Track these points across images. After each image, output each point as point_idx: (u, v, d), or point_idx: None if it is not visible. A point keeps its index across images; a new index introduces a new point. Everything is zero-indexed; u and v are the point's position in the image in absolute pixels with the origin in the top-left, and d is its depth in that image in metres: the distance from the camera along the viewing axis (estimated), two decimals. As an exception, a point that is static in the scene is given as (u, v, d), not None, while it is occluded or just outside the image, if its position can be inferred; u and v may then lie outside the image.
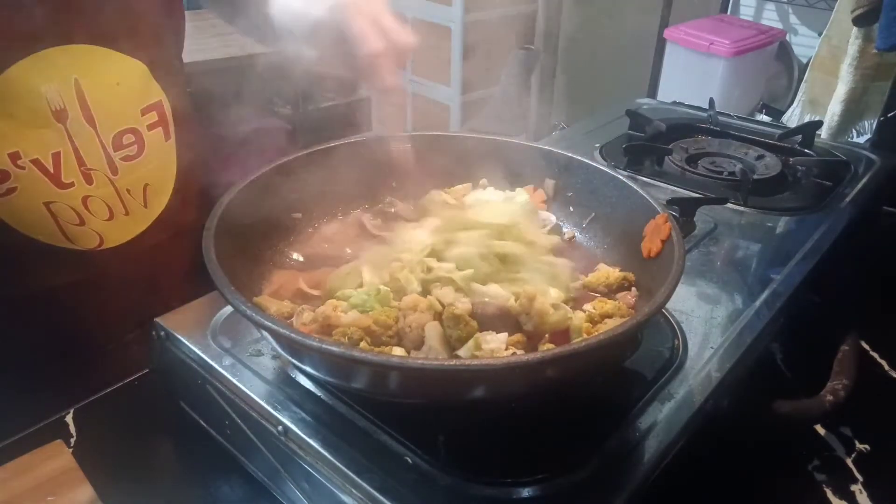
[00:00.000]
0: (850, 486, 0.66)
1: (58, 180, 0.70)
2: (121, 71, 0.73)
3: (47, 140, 0.68)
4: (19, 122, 0.66)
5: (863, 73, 1.44)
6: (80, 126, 0.70)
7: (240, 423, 0.61)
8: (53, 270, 0.74)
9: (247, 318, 0.48)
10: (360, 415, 0.57)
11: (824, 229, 0.90)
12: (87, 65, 0.69)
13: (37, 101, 0.66)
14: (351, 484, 0.52)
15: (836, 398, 0.68)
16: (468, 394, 0.50)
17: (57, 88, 0.67)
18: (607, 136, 1.19)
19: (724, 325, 0.70)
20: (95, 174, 0.73)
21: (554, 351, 0.47)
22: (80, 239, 0.74)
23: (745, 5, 2.31)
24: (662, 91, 1.90)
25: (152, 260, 0.81)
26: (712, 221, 0.90)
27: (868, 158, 1.14)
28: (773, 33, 1.81)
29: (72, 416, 0.69)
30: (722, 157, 1.12)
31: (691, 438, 0.57)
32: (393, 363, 0.46)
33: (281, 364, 0.62)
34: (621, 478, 0.52)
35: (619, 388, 0.61)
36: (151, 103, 0.77)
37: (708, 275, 0.79)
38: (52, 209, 0.71)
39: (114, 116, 0.73)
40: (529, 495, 0.50)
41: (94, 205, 0.73)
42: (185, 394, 0.69)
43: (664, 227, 0.61)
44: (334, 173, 0.74)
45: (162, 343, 0.68)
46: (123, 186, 0.75)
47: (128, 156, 0.75)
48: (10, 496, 0.59)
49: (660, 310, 0.51)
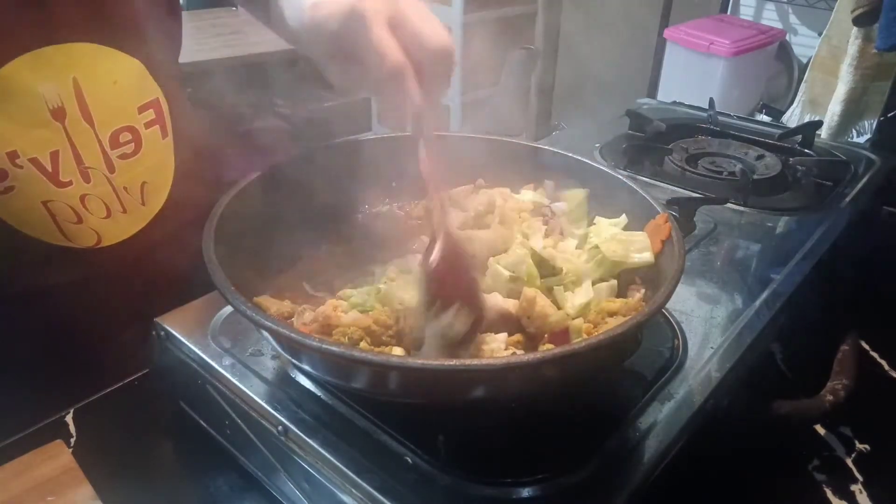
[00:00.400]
0: (850, 486, 0.66)
1: (56, 179, 0.70)
2: (118, 69, 0.73)
3: (45, 139, 0.68)
4: (17, 122, 0.66)
5: (863, 73, 1.44)
6: (78, 124, 0.70)
7: (240, 423, 0.61)
8: (51, 269, 0.74)
9: (247, 318, 0.48)
10: (360, 415, 0.57)
11: (824, 229, 0.90)
12: (85, 63, 0.69)
13: (34, 99, 0.66)
14: (351, 484, 0.52)
15: (836, 398, 0.68)
16: (468, 394, 0.50)
17: (54, 87, 0.67)
18: (607, 136, 1.19)
19: (724, 325, 0.70)
20: (93, 172, 0.73)
21: (554, 351, 0.47)
22: (77, 237, 0.74)
23: (745, 5, 2.31)
24: (662, 91, 1.90)
25: (150, 258, 0.81)
26: (712, 221, 0.90)
27: (868, 158, 1.14)
28: (773, 33, 1.81)
29: (72, 416, 0.69)
30: (722, 157, 1.12)
31: (691, 438, 0.57)
32: (393, 363, 0.46)
33: (281, 364, 0.62)
34: (621, 478, 0.52)
35: (619, 388, 0.61)
36: (148, 101, 0.77)
37: (708, 275, 0.79)
38: (50, 208, 0.71)
39: (111, 115, 0.73)
40: (529, 495, 0.50)
41: (91, 203, 0.73)
42: (185, 394, 0.69)
43: (664, 227, 0.61)
44: (334, 173, 0.74)
45: (162, 343, 0.68)
46: (121, 184, 0.76)
47: (125, 154, 0.75)
48: (10, 496, 0.59)
49: (660, 310, 0.51)
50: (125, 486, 0.61)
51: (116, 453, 0.65)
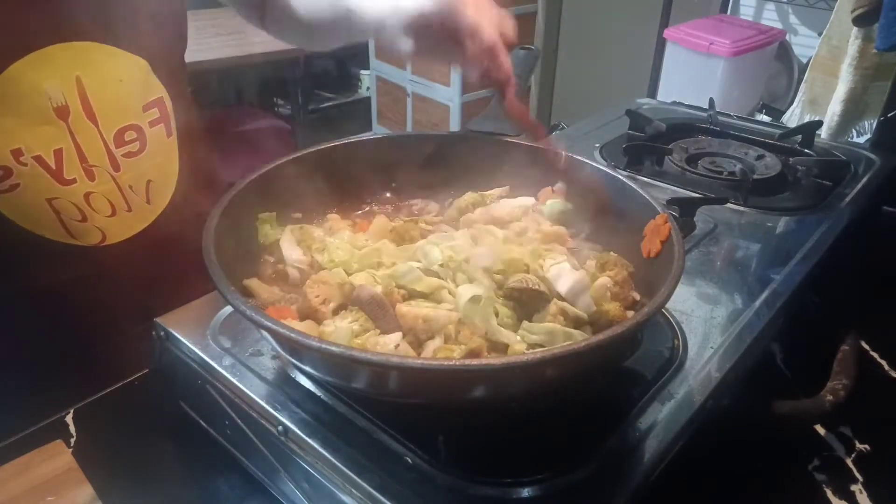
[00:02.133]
0: (850, 486, 0.66)
1: (60, 177, 0.70)
2: (122, 67, 0.73)
3: (49, 137, 0.68)
4: (22, 119, 0.66)
5: (863, 73, 1.44)
6: (81, 123, 0.70)
7: (240, 423, 0.61)
8: (56, 266, 0.75)
9: (247, 318, 0.48)
10: (360, 415, 0.57)
11: (824, 229, 0.90)
12: (89, 62, 0.69)
13: (39, 98, 0.67)
14: (351, 484, 0.52)
15: (836, 398, 0.68)
16: (468, 394, 0.50)
17: (59, 85, 0.68)
18: (607, 136, 1.19)
19: (724, 325, 0.70)
20: (97, 170, 0.73)
21: (554, 351, 0.47)
22: (82, 235, 0.74)
23: (745, 5, 2.31)
24: (662, 91, 1.90)
25: (155, 256, 0.81)
26: (712, 221, 0.90)
27: (868, 158, 1.14)
28: (773, 33, 1.81)
29: (72, 416, 0.69)
30: (722, 157, 1.12)
31: (691, 438, 0.57)
32: (393, 363, 0.46)
33: (281, 364, 0.62)
34: (621, 478, 0.52)
35: (619, 388, 0.61)
36: (153, 100, 0.77)
37: (708, 275, 0.79)
38: (54, 205, 0.71)
39: (116, 113, 0.73)
40: (529, 495, 0.50)
41: (96, 201, 0.74)
42: (185, 394, 0.69)
43: (663, 227, 0.61)
44: (335, 173, 0.74)
45: (162, 343, 0.68)
46: (125, 183, 0.76)
47: (130, 152, 0.75)
48: (10, 496, 0.59)
49: (660, 310, 0.50)
50: (125, 486, 0.61)
51: (116, 453, 0.65)
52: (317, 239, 0.66)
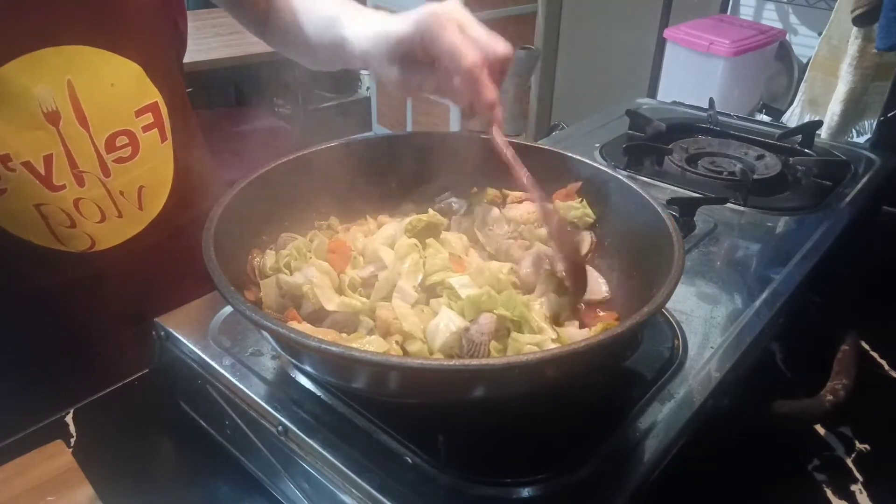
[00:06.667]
0: (850, 486, 0.66)
1: (49, 183, 0.69)
2: (115, 72, 0.72)
3: (39, 142, 0.67)
4: (11, 124, 0.65)
5: (863, 73, 1.44)
6: (72, 128, 0.69)
7: (240, 423, 0.61)
8: (46, 271, 0.74)
9: (247, 318, 0.48)
10: (360, 415, 0.57)
11: (824, 229, 0.90)
12: (81, 66, 0.68)
13: (28, 102, 0.66)
14: (351, 484, 0.52)
15: (836, 398, 0.68)
16: (468, 394, 0.50)
17: (49, 90, 0.66)
18: (607, 136, 1.19)
19: (724, 325, 0.70)
20: (87, 176, 0.72)
21: (554, 351, 0.47)
22: (71, 241, 0.73)
23: (745, 5, 2.31)
24: (662, 91, 1.90)
25: (149, 260, 0.80)
26: (712, 221, 0.90)
27: (868, 158, 1.14)
28: (773, 33, 1.81)
29: (72, 416, 0.69)
30: (722, 157, 1.12)
31: (691, 438, 0.57)
32: (393, 363, 0.46)
33: (281, 364, 0.62)
34: (621, 478, 0.52)
35: (619, 388, 0.61)
36: (146, 105, 0.76)
37: (708, 275, 0.79)
38: (42, 211, 0.70)
39: (107, 118, 0.72)
40: (529, 495, 0.50)
41: (85, 207, 0.73)
42: (184, 394, 0.69)
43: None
44: (335, 173, 0.74)
45: (162, 343, 0.68)
46: (116, 188, 0.75)
47: (121, 157, 0.74)
48: (10, 496, 0.59)
49: (659, 310, 0.50)
50: (125, 486, 0.61)
51: (116, 453, 0.65)
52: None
